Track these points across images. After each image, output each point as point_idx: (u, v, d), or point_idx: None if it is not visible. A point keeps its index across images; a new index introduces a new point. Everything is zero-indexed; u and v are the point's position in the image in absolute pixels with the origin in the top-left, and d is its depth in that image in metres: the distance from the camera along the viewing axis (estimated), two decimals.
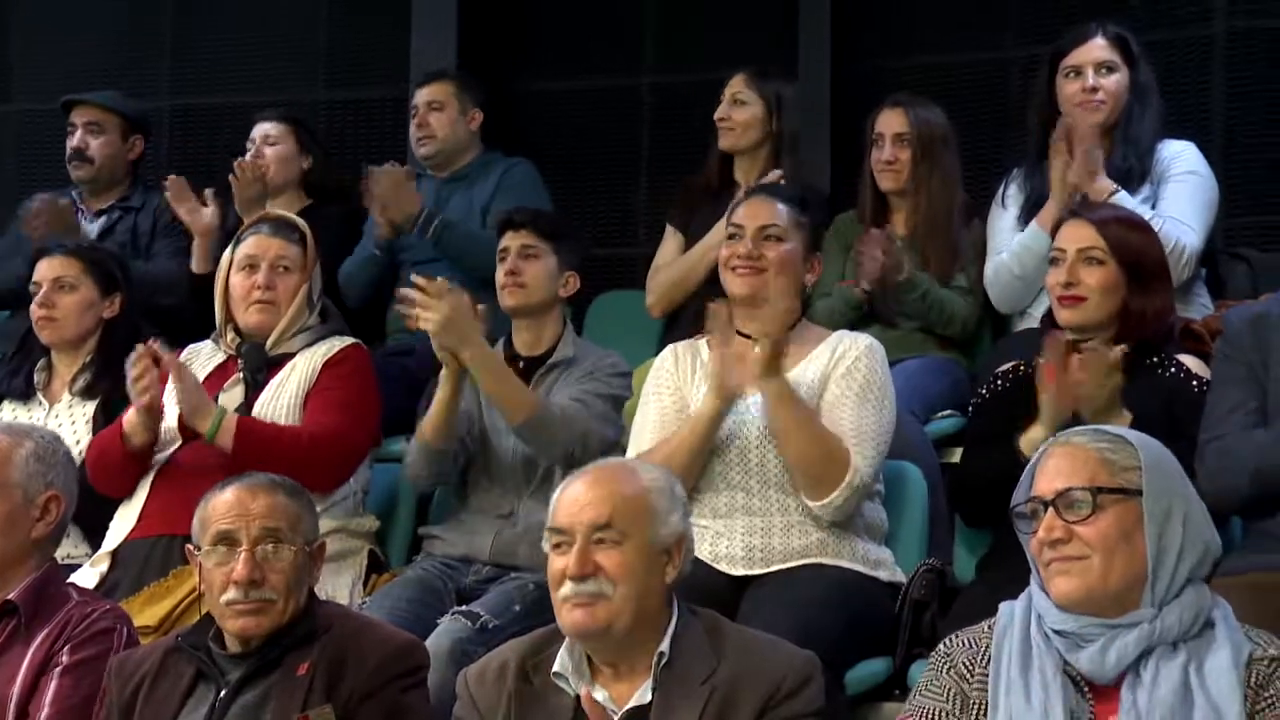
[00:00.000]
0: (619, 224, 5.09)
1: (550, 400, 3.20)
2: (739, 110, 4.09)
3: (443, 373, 3.15)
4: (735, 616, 2.65)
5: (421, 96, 4.35)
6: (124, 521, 3.20)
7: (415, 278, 3.13)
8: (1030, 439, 2.75)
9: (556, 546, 2.24)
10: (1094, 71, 3.60)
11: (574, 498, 2.25)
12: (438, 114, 4.32)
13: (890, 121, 3.87)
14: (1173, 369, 2.93)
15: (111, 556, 3.16)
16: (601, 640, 2.22)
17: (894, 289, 3.69)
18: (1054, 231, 3.08)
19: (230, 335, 3.36)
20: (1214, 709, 1.94)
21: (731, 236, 3.08)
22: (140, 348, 3.17)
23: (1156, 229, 3.32)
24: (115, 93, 4.59)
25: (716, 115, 4.10)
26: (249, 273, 3.32)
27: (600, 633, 2.20)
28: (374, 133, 5.14)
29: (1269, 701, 1.97)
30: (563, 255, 3.38)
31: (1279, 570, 2.51)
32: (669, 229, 4.19)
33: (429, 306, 3.08)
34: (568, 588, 2.20)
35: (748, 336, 2.93)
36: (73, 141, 4.43)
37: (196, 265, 4.10)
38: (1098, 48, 3.62)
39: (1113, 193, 3.45)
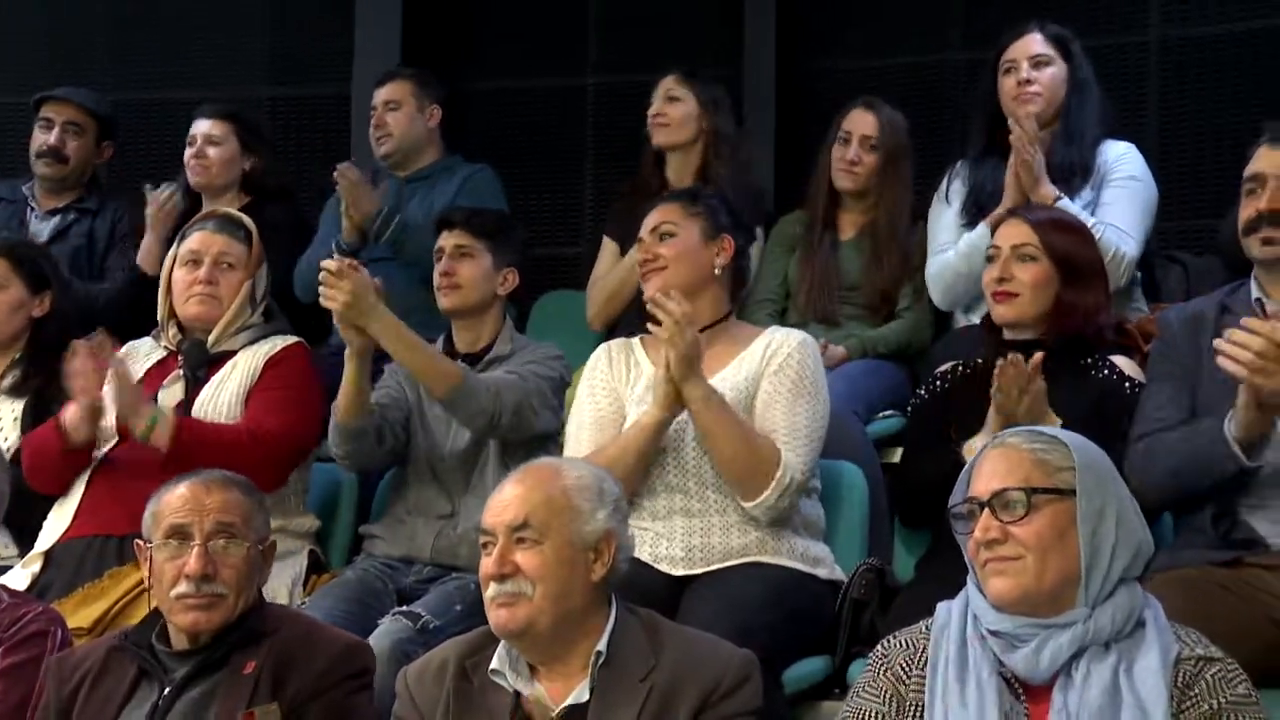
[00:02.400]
0: (563, 224, 5.10)
1: (476, 373, 3.19)
2: (673, 107, 4.10)
3: (347, 351, 3.15)
4: (675, 616, 2.65)
5: (379, 96, 4.34)
6: (58, 521, 3.17)
7: (324, 263, 3.12)
8: (971, 445, 2.77)
9: (485, 546, 2.26)
10: (1029, 65, 3.65)
11: (499, 498, 2.27)
12: (394, 113, 4.31)
13: (860, 122, 3.88)
14: (1105, 370, 2.97)
15: (45, 557, 3.13)
16: (524, 640, 2.22)
17: None
18: (991, 229, 3.12)
19: (172, 331, 3.34)
20: (1141, 709, 1.97)
21: (637, 248, 3.13)
22: (80, 343, 3.13)
23: (1097, 236, 3.36)
24: (92, 93, 4.53)
25: (650, 112, 4.12)
26: (191, 268, 3.31)
27: (521, 632, 2.21)
28: (318, 130, 5.12)
29: (1194, 700, 2.00)
30: (499, 253, 3.38)
31: (1209, 565, 2.55)
32: (605, 240, 4.20)
33: (333, 286, 3.06)
34: (491, 588, 2.22)
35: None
36: (49, 139, 4.36)
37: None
38: (1034, 42, 3.67)
39: (1056, 199, 3.49)
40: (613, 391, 3.06)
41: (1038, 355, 2.73)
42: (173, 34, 5.28)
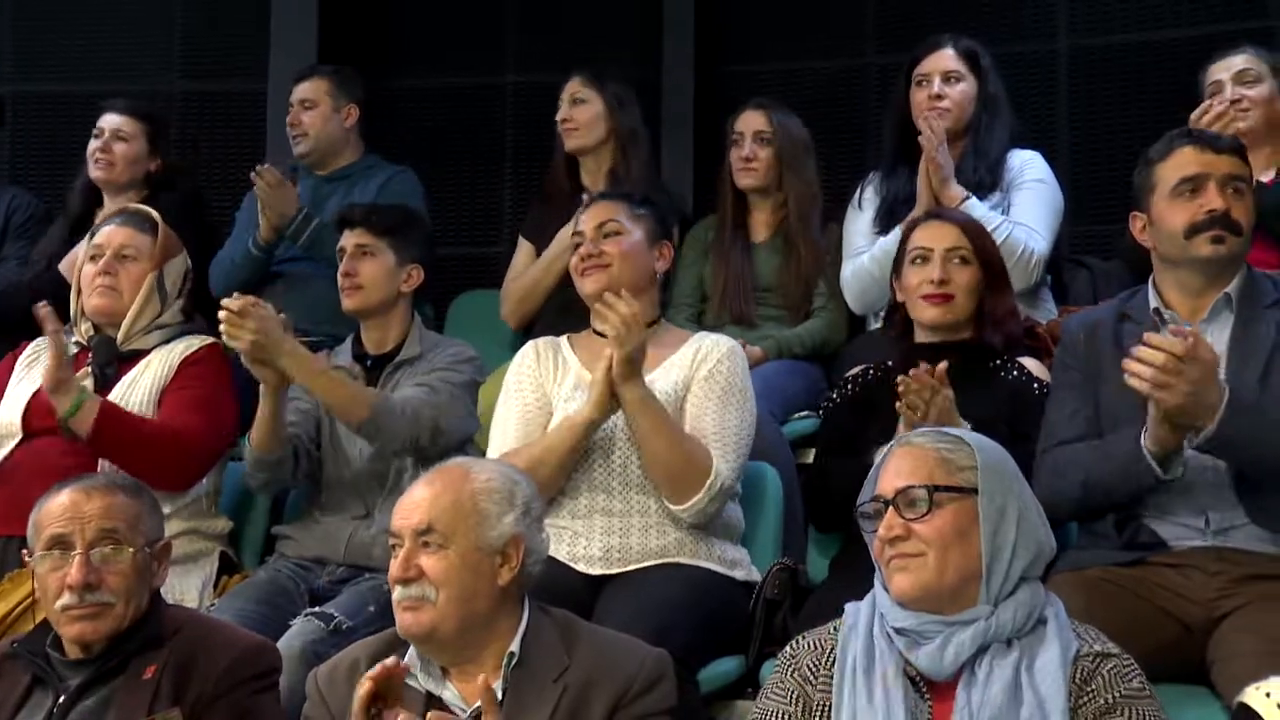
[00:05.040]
0: (482, 223, 5.08)
1: (390, 395, 3.17)
2: (579, 110, 4.11)
3: (262, 388, 3.12)
4: (592, 616, 2.66)
5: (295, 94, 4.30)
6: None
7: (223, 300, 3.07)
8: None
9: (393, 549, 2.25)
10: (940, 80, 3.71)
11: (406, 501, 2.26)
12: (310, 112, 4.27)
13: (750, 121, 3.94)
14: (1014, 371, 3.01)
15: None
16: (430, 643, 2.22)
17: None
18: (908, 233, 3.13)
19: (84, 327, 3.30)
20: (1040, 705, 2.00)
21: (577, 244, 3.11)
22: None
23: (1006, 234, 3.42)
24: None
25: (558, 118, 4.12)
26: (95, 262, 3.28)
27: (426, 636, 2.20)
28: (231, 127, 5.05)
29: (1090, 695, 2.04)
30: (401, 250, 3.35)
31: (1109, 566, 2.59)
32: (521, 240, 4.20)
33: (236, 325, 3.03)
34: (397, 590, 2.21)
35: (603, 335, 2.94)
36: None
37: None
38: (946, 58, 3.74)
39: (964, 199, 3.54)
40: (540, 388, 3.06)
41: (942, 364, 2.75)
42: (84, 25, 5.18)
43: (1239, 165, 2.71)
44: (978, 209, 3.51)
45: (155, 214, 3.40)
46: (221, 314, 3.04)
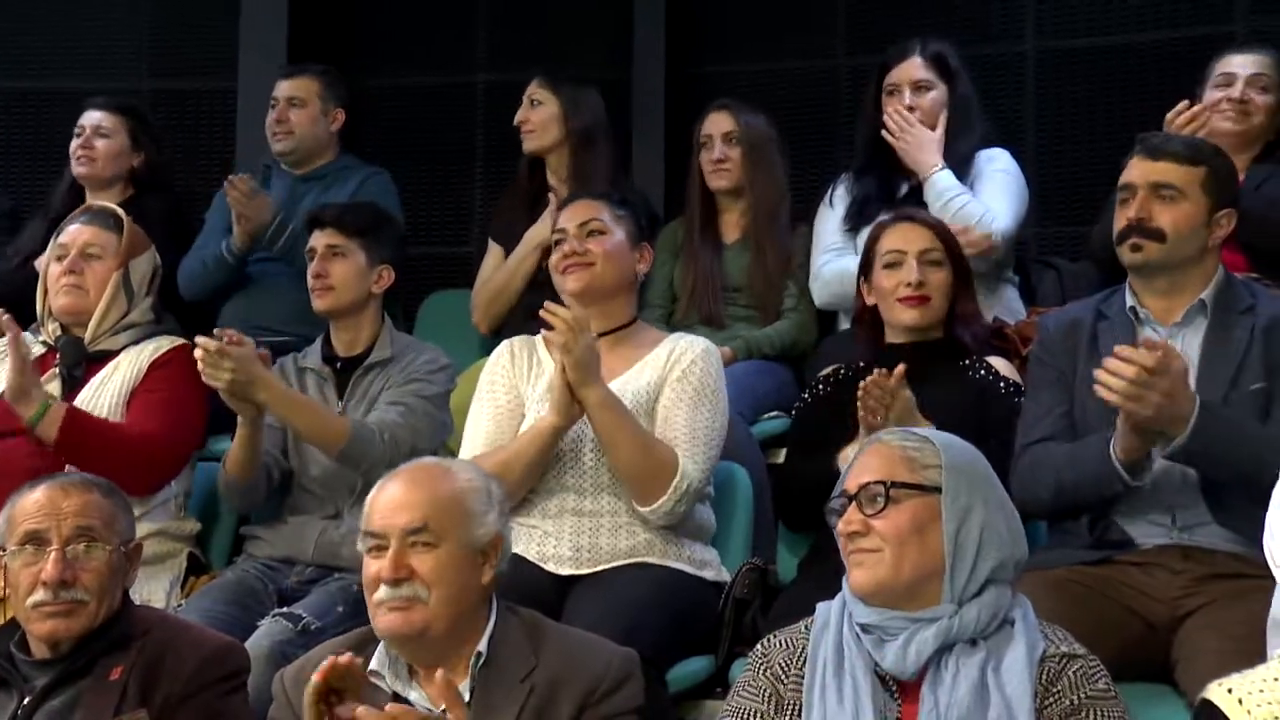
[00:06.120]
0: (452, 223, 5.07)
1: (366, 422, 3.15)
2: (535, 111, 4.12)
3: (240, 419, 3.11)
4: (561, 616, 2.66)
5: (283, 90, 4.26)
6: None
7: (199, 339, 3.06)
8: (845, 454, 2.81)
9: (371, 550, 2.21)
10: (910, 90, 3.74)
11: (389, 500, 2.22)
12: (299, 110, 4.23)
13: (717, 123, 3.96)
14: (982, 370, 3.03)
15: None
16: (417, 644, 2.19)
17: None
18: (877, 236, 3.15)
19: (51, 327, 3.28)
20: (1007, 706, 2.01)
21: (558, 241, 3.10)
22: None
23: (963, 205, 3.48)
24: None
25: (516, 119, 4.13)
26: (61, 261, 3.26)
27: (416, 636, 2.18)
28: (200, 125, 5.03)
29: (1056, 696, 2.05)
30: (372, 251, 3.34)
31: (1077, 565, 2.61)
32: (490, 244, 4.19)
33: (213, 366, 3.01)
34: (383, 591, 2.17)
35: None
36: None
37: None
38: (915, 67, 3.77)
39: (938, 167, 3.59)
40: (513, 388, 3.06)
41: (900, 367, 2.77)
42: (53, 23, 5.15)
43: (1175, 172, 2.73)
44: (943, 181, 3.57)
45: (120, 211, 3.38)
46: (198, 352, 3.02)
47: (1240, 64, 3.68)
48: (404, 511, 2.19)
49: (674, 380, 2.97)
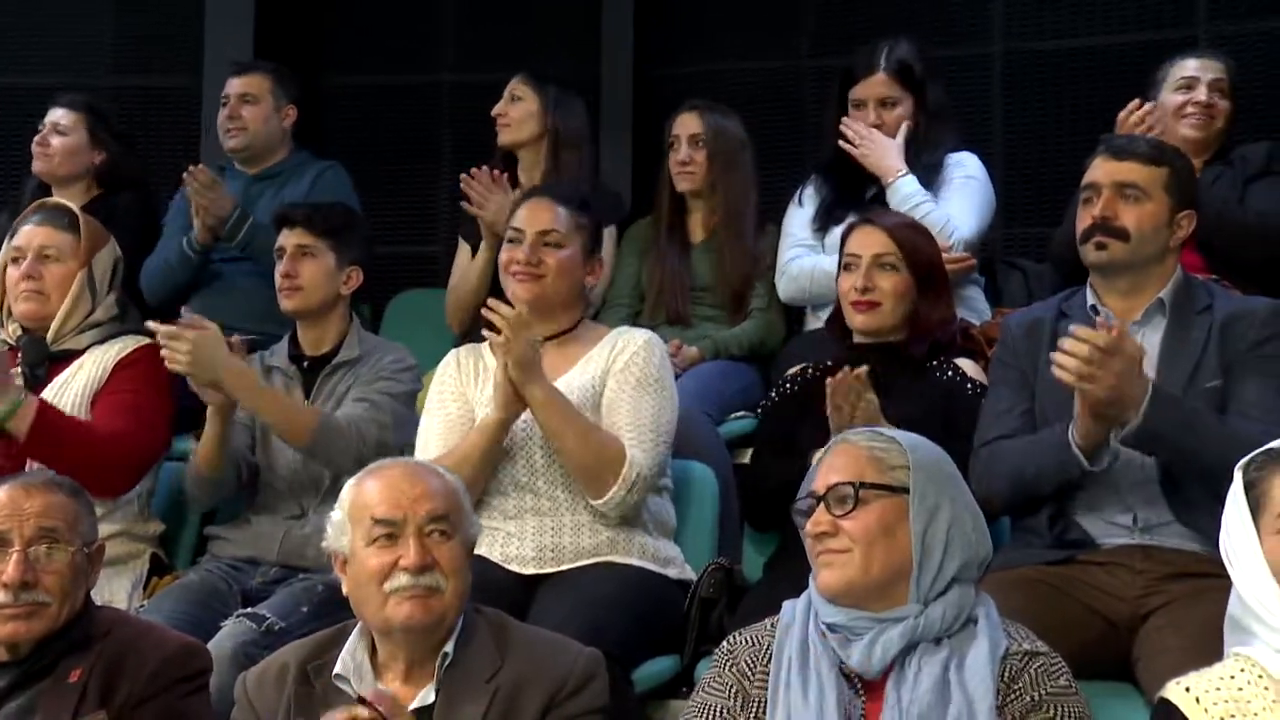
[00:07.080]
0: (419, 222, 5.06)
1: (334, 415, 3.14)
2: (515, 106, 4.11)
3: (209, 409, 3.09)
4: (526, 616, 2.65)
5: (234, 87, 4.23)
6: None
7: (150, 324, 3.04)
8: (817, 455, 2.82)
9: (376, 540, 2.17)
10: (876, 107, 3.74)
11: (401, 489, 2.18)
12: (251, 107, 4.21)
13: (686, 124, 3.96)
14: (950, 372, 3.05)
15: None
16: (430, 635, 2.17)
17: None
18: (844, 238, 3.16)
19: (12, 326, 3.25)
20: (968, 703, 2.02)
21: (512, 240, 3.09)
22: None
23: (927, 213, 3.47)
24: None
25: (494, 111, 4.12)
26: (18, 265, 3.23)
27: (433, 627, 2.16)
28: (164, 122, 5.00)
29: (1017, 693, 2.06)
30: (342, 251, 3.33)
31: (1042, 565, 2.62)
32: (460, 243, 4.18)
33: (172, 347, 3.00)
34: (403, 579, 2.13)
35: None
36: None
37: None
38: (879, 83, 3.77)
39: (900, 173, 3.59)
40: (461, 396, 3.05)
41: (861, 368, 2.79)
42: (15, 18, 5.11)
43: (1140, 172, 2.75)
44: (905, 187, 3.58)
45: (74, 208, 3.35)
46: (159, 338, 3.00)
47: (1198, 68, 3.71)
48: (425, 499, 2.17)
49: (617, 371, 2.97)
